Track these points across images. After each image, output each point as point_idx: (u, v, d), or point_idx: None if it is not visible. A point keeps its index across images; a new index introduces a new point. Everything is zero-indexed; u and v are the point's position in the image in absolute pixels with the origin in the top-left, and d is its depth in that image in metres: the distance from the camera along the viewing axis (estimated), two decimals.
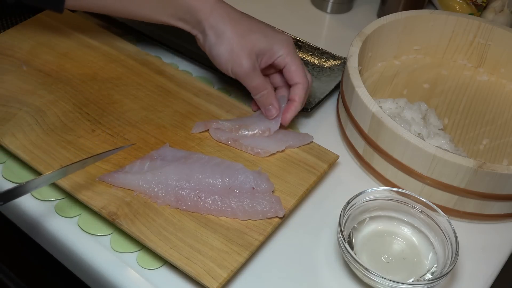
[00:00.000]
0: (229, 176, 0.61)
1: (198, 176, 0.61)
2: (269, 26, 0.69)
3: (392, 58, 0.85)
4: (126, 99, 0.72)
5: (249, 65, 0.65)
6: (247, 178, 0.61)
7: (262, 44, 0.65)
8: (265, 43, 0.65)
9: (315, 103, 0.75)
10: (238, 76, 0.66)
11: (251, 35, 0.65)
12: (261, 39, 0.65)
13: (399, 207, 0.62)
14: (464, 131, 0.76)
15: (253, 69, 0.65)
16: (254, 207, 0.59)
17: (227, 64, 0.66)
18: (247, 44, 0.65)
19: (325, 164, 0.66)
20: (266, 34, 0.66)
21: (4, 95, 0.70)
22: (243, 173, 0.61)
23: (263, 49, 0.65)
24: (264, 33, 0.66)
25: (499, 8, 0.92)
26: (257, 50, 0.65)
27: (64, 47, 0.78)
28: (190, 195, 0.59)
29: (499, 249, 0.65)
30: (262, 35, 0.66)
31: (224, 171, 0.62)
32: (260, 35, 0.66)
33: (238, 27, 0.65)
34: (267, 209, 0.59)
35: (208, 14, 0.65)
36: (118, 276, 0.58)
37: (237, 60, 0.65)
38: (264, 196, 0.60)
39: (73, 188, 0.60)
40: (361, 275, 0.56)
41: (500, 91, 0.83)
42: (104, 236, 0.60)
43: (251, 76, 0.66)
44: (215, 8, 0.66)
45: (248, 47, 0.65)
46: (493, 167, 0.60)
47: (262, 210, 0.59)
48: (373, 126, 0.66)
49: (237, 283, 0.58)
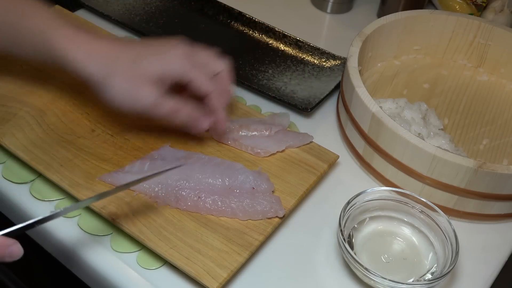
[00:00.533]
0: (229, 176, 0.61)
1: (198, 176, 0.61)
2: (156, 43, 0.61)
3: (392, 58, 0.85)
4: None
5: (151, 97, 0.58)
6: (247, 178, 0.61)
7: (156, 68, 0.58)
8: (159, 66, 0.58)
9: (315, 103, 0.75)
10: (145, 111, 0.59)
11: (142, 63, 0.58)
12: (154, 63, 0.58)
13: (399, 207, 0.62)
14: (464, 131, 0.76)
15: (157, 98, 0.58)
16: (254, 207, 0.59)
17: (127, 103, 0.59)
18: (140, 74, 0.58)
19: (325, 164, 0.66)
20: (157, 56, 0.59)
21: (4, 95, 0.70)
22: (243, 173, 0.61)
23: (160, 73, 0.58)
24: (155, 55, 0.59)
25: (499, 8, 0.92)
26: (154, 76, 0.58)
27: None
28: (190, 195, 0.59)
29: (499, 249, 0.65)
30: (153, 58, 0.59)
31: (224, 171, 0.62)
32: (152, 59, 0.59)
33: (124, 59, 0.58)
34: (267, 209, 0.59)
35: (86, 57, 0.58)
36: (118, 276, 0.58)
37: (136, 96, 0.58)
38: (264, 196, 0.60)
39: (73, 188, 0.60)
40: (361, 275, 0.56)
41: (500, 91, 0.83)
42: (104, 236, 0.60)
43: (158, 105, 0.59)
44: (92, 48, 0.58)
45: (142, 77, 0.58)
46: (493, 167, 0.60)
47: (262, 210, 0.59)
48: (373, 126, 0.66)
49: (237, 283, 0.58)
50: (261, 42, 0.87)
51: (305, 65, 0.83)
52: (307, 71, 0.82)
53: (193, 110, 0.61)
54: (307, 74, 0.82)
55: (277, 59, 0.84)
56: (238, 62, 0.82)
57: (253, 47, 0.86)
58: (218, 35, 0.87)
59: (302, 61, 0.84)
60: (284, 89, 0.79)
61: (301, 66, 0.83)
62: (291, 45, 0.85)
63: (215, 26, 0.89)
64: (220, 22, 0.89)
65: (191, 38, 0.70)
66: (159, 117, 0.60)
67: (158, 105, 0.59)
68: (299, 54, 0.85)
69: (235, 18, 0.89)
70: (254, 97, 0.79)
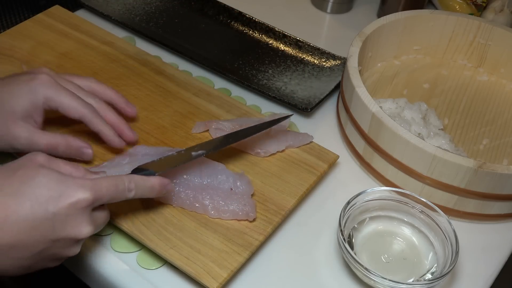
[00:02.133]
0: (209, 175, 0.61)
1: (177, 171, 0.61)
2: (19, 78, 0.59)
3: (392, 58, 0.85)
4: None
5: (24, 133, 0.57)
6: (227, 178, 0.61)
7: (22, 103, 0.56)
8: (25, 100, 0.57)
9: (315, 103, 0.75)
10: (24, 147, 0.57)
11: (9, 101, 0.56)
12: (20, 98, 0.57)
13: (399, 207, 0.62)
14: (464, 131, 0.76)
15: (30, 134, 0.57)
16: (226, 206, 0.59)
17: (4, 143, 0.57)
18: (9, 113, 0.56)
19: (325, 164, 0.66)
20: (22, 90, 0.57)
21: None
22: (223, 174, 0.61)
23: (27, 107, 0.57)
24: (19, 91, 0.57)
25: (499, 8, 0.92)
26: (23, 112, 0.57)
27: (64, 47, 0.78)
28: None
29: (499, 249, 0.65)
30: (19, 93, 0.57)
31: (204, 170, 0.62)
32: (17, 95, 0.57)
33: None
34: (237, 210, 0.59)
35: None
36: (118, 276, 0.58)
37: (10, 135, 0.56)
38: (241, 199, 0.60)
39: None
40: (361, 275, 0.56)
41: (500, 91, 0.83)
42: (104, 236, 0.60)
43: (34, 142, 0.57)
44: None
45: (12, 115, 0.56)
46: (493, 167, 0.60)
47: (233, 210, 0.59)
48: (373, 126, 0.66)
49: (237, 283, 0.58)
50: (261, 42, 0.87)
51: (305, 65, 0.83)
52: (307, 71, 0.82)
53: (72, 142, 0.59)
54: (307, 74, 0.82)
55: (277, 59, 0.84)
56: (238, 62, 0.82)
57: (253, 47, 0.86)
58: (218, 35, 0.87)
59: (302, 61, 0.84)
60: (284, 89, 0.79)
61: (301, 66, 0.83)
62: (291, 45, 0.85)
63: (215, 26, 0.89)
64: (220, 22, 0.89)
65: (191, 38, 0.71)
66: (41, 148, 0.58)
67: (34, 142, 0.57)
68: (299, 54, 0.85)
69: (235, 18, 0.89)
70: (254, 97, 0.79)
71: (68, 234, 0.47)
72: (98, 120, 0.60)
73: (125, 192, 0.51)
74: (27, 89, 0.57)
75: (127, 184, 0.51)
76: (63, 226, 0.47)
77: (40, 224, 0.46)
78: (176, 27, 0.87)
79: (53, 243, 0.47)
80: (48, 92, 0.58)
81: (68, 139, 0.59)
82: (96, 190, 0.48)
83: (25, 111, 0.57)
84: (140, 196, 0.53)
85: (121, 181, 0.51)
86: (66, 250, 0.49)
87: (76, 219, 0.47)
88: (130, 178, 0.52)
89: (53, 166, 0.50)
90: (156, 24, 0.88)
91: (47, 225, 0.46)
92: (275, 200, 0.62)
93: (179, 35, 0.86)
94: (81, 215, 0.48)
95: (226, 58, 0.83)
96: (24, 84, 0.58)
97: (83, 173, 0.52)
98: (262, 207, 0.61)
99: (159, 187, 0.54)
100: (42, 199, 0.46)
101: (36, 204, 0.46)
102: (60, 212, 0.46)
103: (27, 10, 1.04)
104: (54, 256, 0.49)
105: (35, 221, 0.46)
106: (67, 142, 0.59)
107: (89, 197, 0.47)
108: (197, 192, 0.60)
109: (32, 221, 0.45)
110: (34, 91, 0.57)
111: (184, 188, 0.60)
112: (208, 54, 0.83)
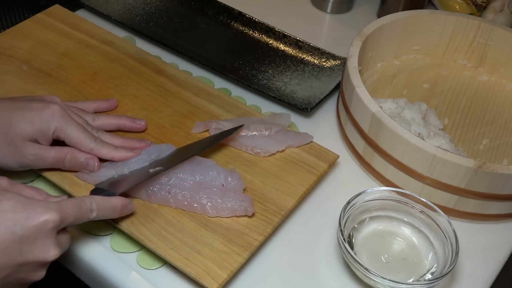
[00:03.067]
0: (200, 171, 0.61)
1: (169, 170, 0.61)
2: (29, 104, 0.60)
3: (392, 58, 0.85)
4: (126, 99, 0.72)
5: (33, 151, 0.59)
6: (218, 175, 0.61)
7: (28, 131, 0.58)
8: (31, 129, 0.58)
9: (315, 103, 0.75)
10: (33, 163, 0.59)
11: (15, 128, 0.58)
12: (25, 126, 0.58)
13: (399, 207, 0.62)
14: (464, 131, 0.76)
15: (38, 152, 0.59)
16: (224, 204, 0.59)
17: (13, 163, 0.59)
18: (16, 136, 0.58)
19: (325, 164, 0.66)
20: (29, 118, 0.59)
21: (4, 95, 0.70)
22: (213, 170, 0.61)
23: (35, 134, 0.59)
24: (23, 116, 0.59)
25: (499, 8, 0.92)
26: (29, 136, 0.58)
27: (64, 47, 0.78)
28: (161, 191, 0.59)
29: (499, 249, 0.65)
30: (25, 121, 0.58)
31: (195, 167, 0.62)
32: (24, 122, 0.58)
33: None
34: (236, 206, 0.59)
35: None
36: (118, 276, 0.58)
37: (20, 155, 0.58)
38: (235, 194, 0.60)
39: (72, 188, 0.60)
40: (361, 275, 0.56)
41: (500, 91, 0.83)
42: (104, 236, 0.60)
43: (42, 158, 0.59)
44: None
45: (20, 137, 0.58)
46: (493, 167, 0.60)
47: (232, 207, 0.59)
48: (373, 126, 0.66)
49: (237, 284, 0.58)
50: (261, 42, 0.87)
51: (305, 65, 0.83)
52: (307, 71, 0.82)
53: (77, 155, 0.61)
54: (307, 74, 0.82)
55: (277, 59, 0.84)
56: (238, 62, 0.82)
57: (253, 47, 0.86)
58: (218, 35, 0.87)
59: (302, 61, 0.84)
60: (284, 89, 0.79)
61: (301, 66, 0.83)
62: (291, 45, 0.85)
63: (215, 26, 0.89)
64: (220, 22, 0.89)
65: (191, 38, 0.71)
66: (47, 164, 0.60)
67: (41, 157, 0.59)
68: (299, 54, 0.85)
69: (235, 18, 0.89)
70: (254, 97, 0.79)
71: (36, 257, 0.47)
72: (107, 150, 0.62)
73: (88, 213, 0.52)
74: (39, 118, 0.59)
75: (89, 205, 0.52)
76: (30, 249, 0.47)
77: (7, 248, 0.46)
78: (176, 27, 0.87)
79: (20, 267, 0.47)
80: (59, 124, 0.60)
81: (74, 151, 0.61)
82: (61, 211, 0.49)
83: (34, 136, 0.59)
84: (102, 216, 0.54)
85: (83, 202, 0.52)
86: (33, 275, 0.49)
87: (43, 241, 0.47)
88: (92, 199, 0.53)
89: (15, 190, 0.50)
90: (156, 24, 0.88)
91: (14, 249, 0.46)
92: (275, 200, 0.62)
93: (179, 35, 0.86)
94: (48, 237, 0.48)
95: (226, 58, 0.83)
96: (36, 112, 0.59)
97: (45, 197, 0.52)
98: (262, 207, 0.61)
99: (120, 208, 0.55)
100: (9, 222, 0.46)
101: (2, 228, 0.45)
102: (28, 234, 0.46)
103: (27, 9, 1.04)
104: (21, 281, 0.49)
105: (2, 244, 0.45)
106: (73, 154, 0.60)
107: (56, 218, 0.48)
108: (194, 192, 0.60)
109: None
110: (46, 121, 0.59)
111: (181, 189, 0.60)
112: (208, 54, 0.83)
